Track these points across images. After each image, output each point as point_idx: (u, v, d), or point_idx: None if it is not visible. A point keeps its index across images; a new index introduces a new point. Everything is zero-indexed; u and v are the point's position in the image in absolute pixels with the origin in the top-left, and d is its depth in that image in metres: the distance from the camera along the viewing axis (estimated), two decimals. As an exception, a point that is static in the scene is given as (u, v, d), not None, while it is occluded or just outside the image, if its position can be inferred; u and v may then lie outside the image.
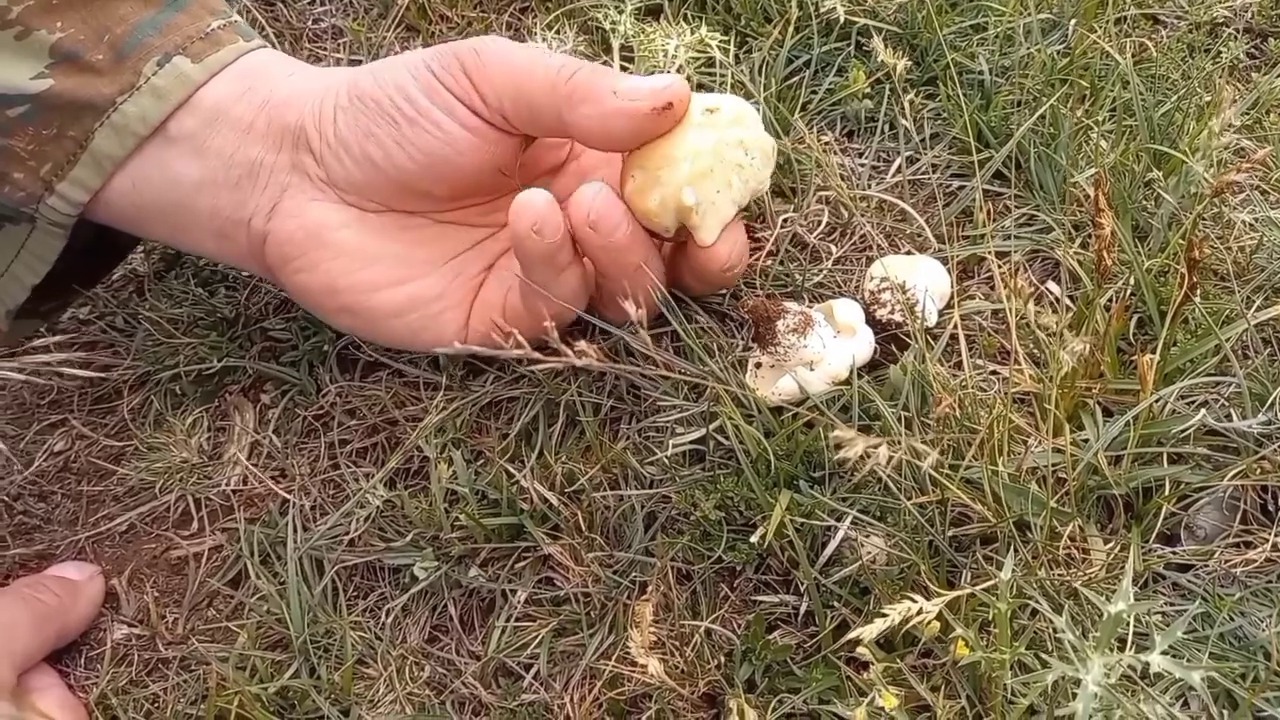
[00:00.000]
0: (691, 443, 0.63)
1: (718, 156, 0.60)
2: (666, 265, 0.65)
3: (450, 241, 0.66)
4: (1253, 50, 0.86)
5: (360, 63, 0.93)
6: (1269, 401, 0.59)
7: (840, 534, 0.57)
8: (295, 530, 0.66)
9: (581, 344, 0.48)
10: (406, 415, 0.69)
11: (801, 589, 0.58)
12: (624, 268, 0.60)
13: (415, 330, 0.65)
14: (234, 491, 0.70)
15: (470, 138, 0.60)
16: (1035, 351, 0.65)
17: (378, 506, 0.66)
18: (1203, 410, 0.59)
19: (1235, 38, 0.85)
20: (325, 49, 0.97)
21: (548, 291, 0.60)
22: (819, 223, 0.75)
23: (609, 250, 0.59)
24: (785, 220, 0.75)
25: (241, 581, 0.67)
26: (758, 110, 0.63)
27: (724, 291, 0.70)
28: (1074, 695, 0.44)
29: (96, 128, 0.60)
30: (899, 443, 0.51)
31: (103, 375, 0.76)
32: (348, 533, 0.66)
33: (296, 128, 0.62)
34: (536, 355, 0.47)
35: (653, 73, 0.82)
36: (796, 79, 0.83)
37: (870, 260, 0.71)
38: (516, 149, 0.63)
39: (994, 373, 0.66)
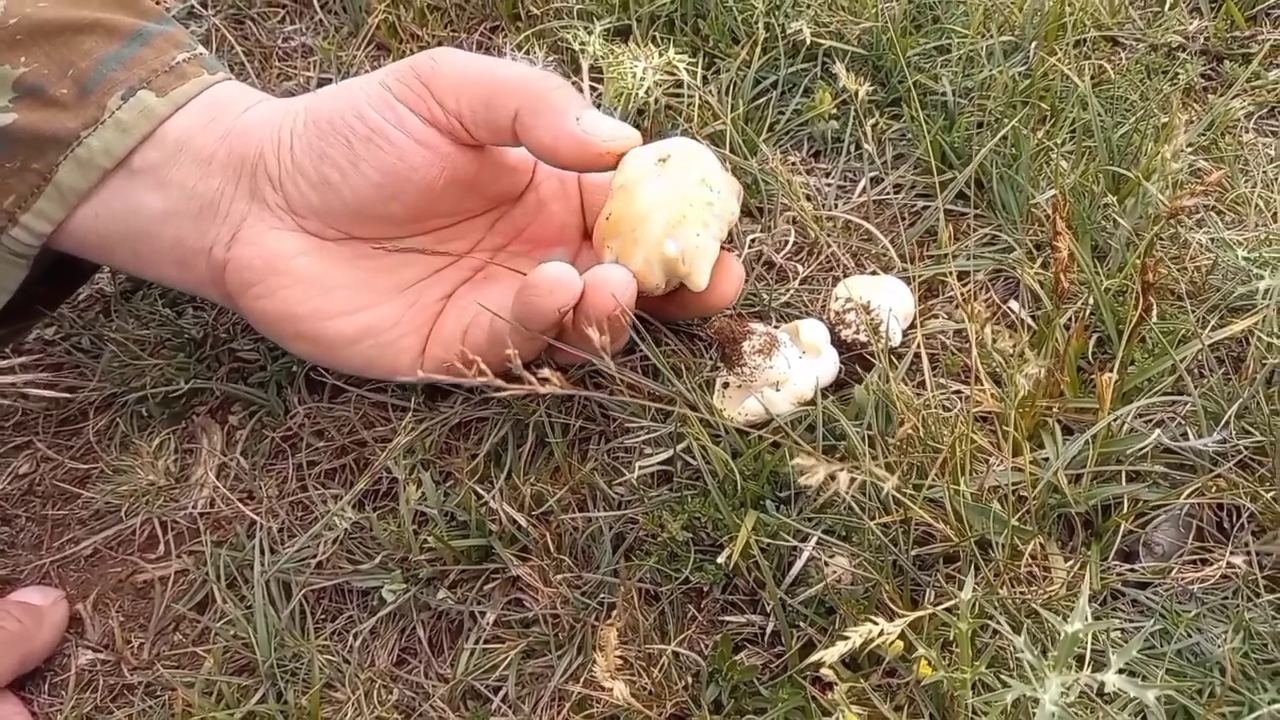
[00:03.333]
0: (659, 464, 0.64)
1: (685, 200, 0.60)
2: (653, 304, 0.65)
3: (408, 270, 0.66)
4: (1209, 72, 0.88)
5: (330, 81, 0.93)
6: (1223, 420, 0.60)
7: (805, 554, 0.58)
8: (262, 553, 0.66)
9: (545, 370, 0.49)
10: (375, 436, 0.69)
11: (768, 609, 0.58)
12: (608, 330, 0.59)
13: (371, 358, 0.65)
14: (201, 514, 0.70)
15: (422, 151, 0.61)
16: (998, 370, 0.66)
17: (346, 529, 0.66)
18: (1158, 430, 0.60)
19: (1191, 60, 0.87)
20: (295, 68, 0.97)
21: (531, 340, 0.60)
22: (786, 243, 0.76)
23: (608, 323, 0.58)
24: (752, 240, 0.76)
25: (208, 605, 0.66)
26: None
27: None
28: (1034, 714, 0.45)
29: (60, 161, 0.60)
30: (860, 468, 0.52)
31: (68, 397, 0.76)
32: (315, 555, 0.66)
33: (256, 156, 0.62)
34: (500, 383, 0.48)
35: (622, 94, 0.82)
36: (764, 100, 0.84)
37: (836, 280, 0.72)
38: (471, 165, 0.63)
39: (957, 392, 0.67)
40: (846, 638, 0.48)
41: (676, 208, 0.60)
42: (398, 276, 0.66)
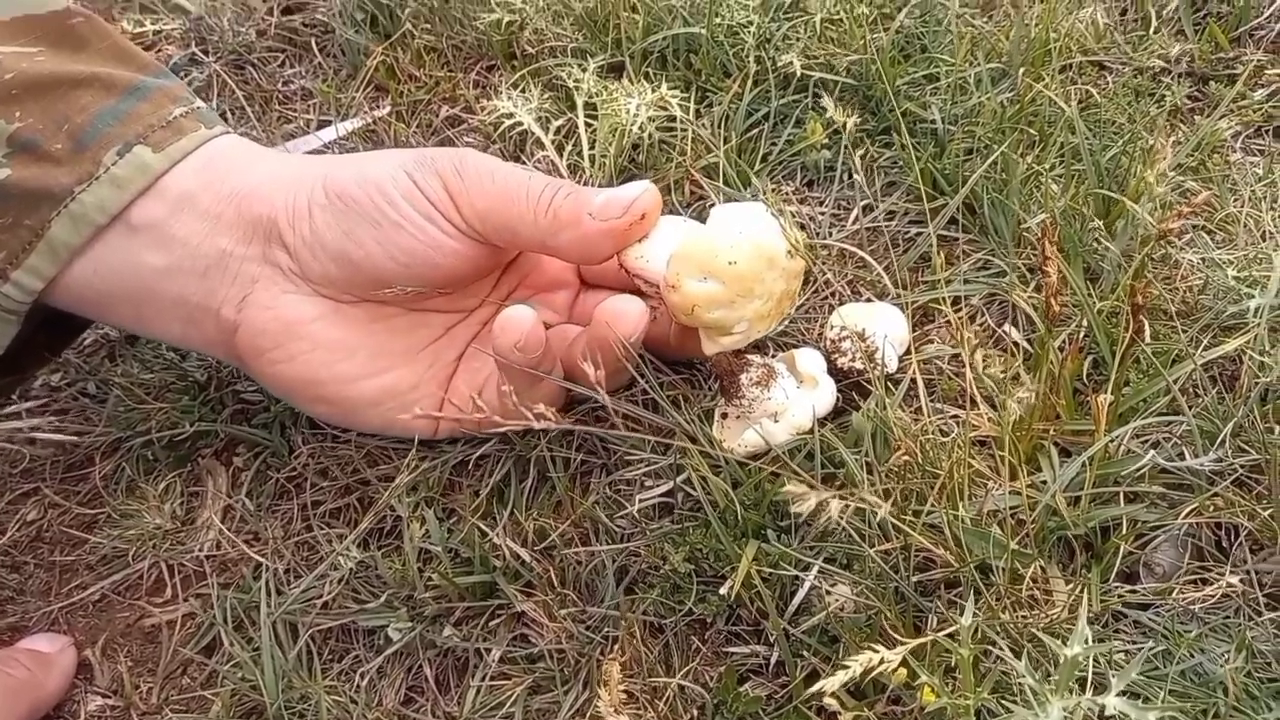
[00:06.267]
0: (660, 495, 0.64)
1: (781, 309, 0.62)
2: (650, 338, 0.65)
3: (424, 330, 0.67)
4: (1195, 93, 0.89)
5: (330, 123, 0.95)
6: (1219, 439, 0.60)
7: (807, 584, 0.58)
8: (269, 594, 0.67)
9: (540, 406, 0.49)
10: (378, 475, 0.70)
11: (771, 639, 0.59)
12: (604, 364, 0.60)
13: (390, 419, 0.66)
14: (207, 557, 0.70)
15: (453, 244, 0.61)
16: (994, 394, 0.67)
17: (351, 568, 0.66)
18: (1154, 450, 0.60)
19: (1177, 82, 0.88)
20: (295, 110, 0.99)
21: (527, 396, 0.59)
22: (781, 272, 0.77)
23: (604, 358, 0.59)
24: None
25: (216, 648, 0.66)
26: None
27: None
28: (1036, 739, 0.45)
29: (53, 217, 0.59)
30: (853, 494, 0.52)
31: (75, 441, 0.76)
32: (321, 595, 0.66)
33: (268, 221, 0.62)
34: (497, 418, 0.48)
35: (616, 129, 0.84)
36: (756, 131, 0.85)
37: (832, 308, 0.73)
38: (496, 252, 0.64)
39: (954, 416, 0.67)
40: (848, 666, 0.48)
41: (775, 306, 0.61)
42: (413, 338, 0.67)
